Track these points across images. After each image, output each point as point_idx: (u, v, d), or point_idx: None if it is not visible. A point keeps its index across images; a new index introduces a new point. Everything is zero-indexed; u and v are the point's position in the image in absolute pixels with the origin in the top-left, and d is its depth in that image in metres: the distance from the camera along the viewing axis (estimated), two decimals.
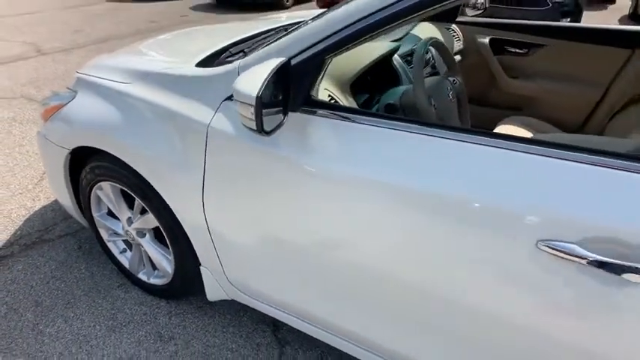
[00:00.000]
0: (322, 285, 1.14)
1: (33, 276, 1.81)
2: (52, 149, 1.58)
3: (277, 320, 1.62)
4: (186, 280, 1.53)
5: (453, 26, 2.14)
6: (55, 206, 2.27)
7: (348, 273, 1.07)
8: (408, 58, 1.71)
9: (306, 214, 1.05)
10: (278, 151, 1.04)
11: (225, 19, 7.71)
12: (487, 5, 2.20)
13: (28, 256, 1.92)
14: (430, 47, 1.66)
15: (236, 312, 1.66)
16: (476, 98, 2.20)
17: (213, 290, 1.46)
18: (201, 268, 1.43)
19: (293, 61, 0.99)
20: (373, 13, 0.92)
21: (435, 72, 1.84)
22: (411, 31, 1.87)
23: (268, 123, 0.94)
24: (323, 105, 1.04)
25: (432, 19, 2.14)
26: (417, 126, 0.91)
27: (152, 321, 1.62)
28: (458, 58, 2.12)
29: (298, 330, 1.55)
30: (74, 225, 2.12)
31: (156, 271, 1.68)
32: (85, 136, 1.43)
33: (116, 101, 1.36)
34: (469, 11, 2.18)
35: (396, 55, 1.70)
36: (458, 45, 2.11)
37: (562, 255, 0.75)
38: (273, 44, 1.07)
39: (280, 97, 0.97)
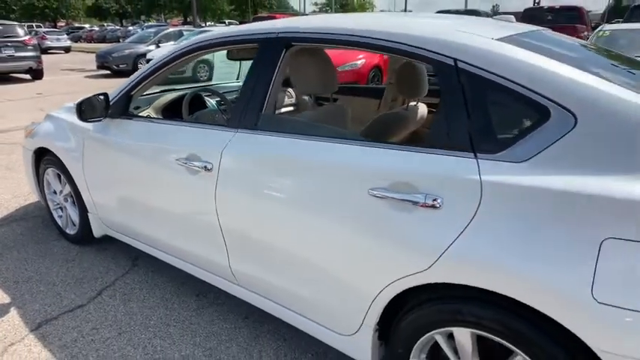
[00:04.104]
0: (142, 215, 2.18)
1: (8, 234, 2.95)
2: (26, 152, 2.80)
3: (139, 256, 2.64)
4: (85, 226, 2.61)
5: (289, 89, 3.33)
6: (36, 203, 3.46)
7: (150, 205, 2.11)
8: (221, 103, 2.89)
9: (129, 171, 2.13)
10: (109, 137, 2.19)
11: None
12: None
13: (9, 226, 3.08)
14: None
15: (115, 252, 2.70)
16: None
17: (96, 228, 2.54)
18: (88, 214, 2.53)
19: (118, 95, 2.17)
20: (151, 68, 2.09)
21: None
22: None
23: (92, 120, 2.10)
24: (135, 115, 2.21)
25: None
26: (169, 121, 2.03)
27: (66, 254, 2.69)
28: (292, 109, 3.29)
29: (149, 261, 2.56)
30: (43, 212, 3.29)
31: (75, 227, 2.77)
32: (39, 142, 2.64)
33: (55, 122, 2.58)
34: None
35: (205, 97, 2.88)
36: (289, 100, 3.28)
37: (183, 162, 1.81)
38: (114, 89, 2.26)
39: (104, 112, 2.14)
